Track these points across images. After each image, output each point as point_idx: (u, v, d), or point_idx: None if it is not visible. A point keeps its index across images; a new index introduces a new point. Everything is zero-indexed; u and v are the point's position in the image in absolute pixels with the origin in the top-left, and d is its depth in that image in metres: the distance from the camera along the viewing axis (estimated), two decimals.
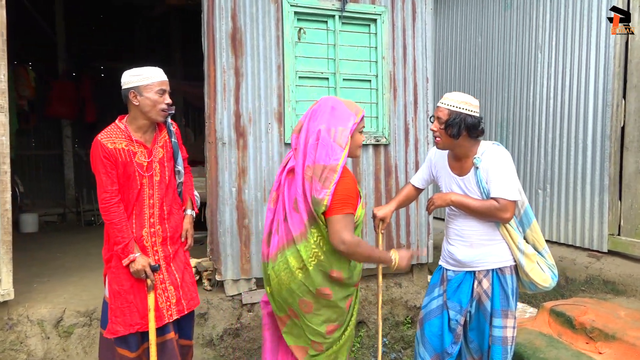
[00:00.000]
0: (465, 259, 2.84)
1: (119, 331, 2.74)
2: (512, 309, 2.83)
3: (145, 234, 2.83)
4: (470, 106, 2.70)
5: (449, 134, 2.72)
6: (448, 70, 7.20)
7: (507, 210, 2.67)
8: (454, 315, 2.87)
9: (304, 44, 3.98)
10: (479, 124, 2.71)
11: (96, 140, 2.70)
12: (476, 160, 2.74)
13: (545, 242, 2.95)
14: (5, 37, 3.27)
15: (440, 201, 2.83)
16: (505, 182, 2.67)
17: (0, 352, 3.26)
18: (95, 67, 7.98)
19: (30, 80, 6.97)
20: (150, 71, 2.74)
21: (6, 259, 3.28)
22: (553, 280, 2.92)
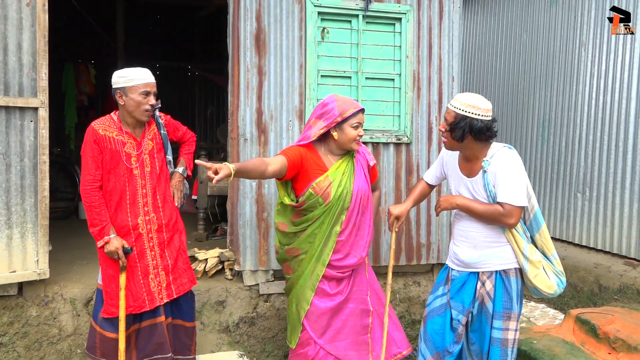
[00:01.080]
0: (469, 259, 2.84)
1: (114, 312, 2.96)
2: (514, 311, 2.81)
3: (141, 221, 3.03)
4: (478, 110, 2.66)
5: (453, 136, 2.73)
6: (492, 68, 7.03)
7: (512, 216, 2.65)
8: (457, 315, 2.88)
9: (327, 43, 4.06)
10: (487, 128, 2.68)
11: (90, 126, 2.95)
12: (484, 163, 2.72)
13: (554, 247, 2.89)
14: (47, 39, 3.56)
15: (446, 204, 2.85)
16: (512, 187, 2.64)
17: (35, 325, 3.59)
18: (152, 65, 8.42)
19: (90, 77, 7.49)
20: (135, 73, 2.94)
21: (43, 242, 3.60)
22: (559, 288, 2.86)
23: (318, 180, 2.93)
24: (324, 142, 3.05)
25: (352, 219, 3.04)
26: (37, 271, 3.58)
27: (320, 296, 3.08)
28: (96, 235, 2.96)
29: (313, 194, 2.93)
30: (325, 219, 2.99)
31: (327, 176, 2.95)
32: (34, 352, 3.54)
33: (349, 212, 3.01)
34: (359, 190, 3.05)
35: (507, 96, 6.61)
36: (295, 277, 3.10)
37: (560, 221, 5.59)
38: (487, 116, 2.68)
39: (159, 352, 3.05)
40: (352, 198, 3.01)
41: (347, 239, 3.04)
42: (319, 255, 3.02)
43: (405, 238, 4.26)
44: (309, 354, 3.11)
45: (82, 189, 2.96)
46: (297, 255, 3.08)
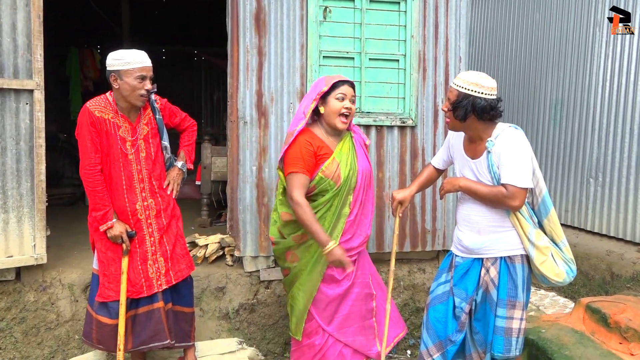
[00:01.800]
0: (472, 245, 2.73)
1: (110, 296, 2.90)
2: (520, 299, 2.69)
3: (139, 207, 2.96)
4: (481, 88, 2.55)
5: (455, 116, 2.62)
6: (503, 49, 6.84)
7: (515, 198, 2.53)
8: (459, 303, 2.78)
9: (329, 23, 3.93)
10: (491, 107, 2.56)
11: (85, 107, 2.86)
12: (489, 143, 2.61)
13: (563, 234, 2.76)
14: (42, 20, 3.48)
15: (449, 186, 2.74)
16: (516, 168, 2.53)
17: (33, 311, 3.55)
18: (157, 50, 8.33)
19: (96, 62, 7.43)
20: (132, 56, 2.83)
21: (40, 226, 3.55)
22: (568, 276, 2.74)
23: (327, 163, 2.88)
24: (320, 123, 2.99)
25: (359, 198, 3.01)
26: (34, 256, 3.54)
27: (328, 283, 3.03)
28: (99, 220, 2.90)
29: (324, 178, 2.89)
30: (334, 201, 2.94)
31: (334, 158, 2.91)
32: (32, 337, 3.51)
33: (355, 192, 2.98)
34: (364, 169, 3.03)
35: (518, 77, 6.42)
36: (303, 264, 3.02)
37: (572, 207, 5.43)
38: (490, 94, 2.56)
39: (155, 339, 2.99)
40: (357, 178, 2.98)
41: (354, 219, 3.01)
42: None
43: (410, 224, 4.15)
44: (316, 343, 3.05)
45: (83, 173, 2.89)
46: (305, 241, 3.00)
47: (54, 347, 3.52)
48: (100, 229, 2.91)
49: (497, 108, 2.60)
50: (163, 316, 2.99)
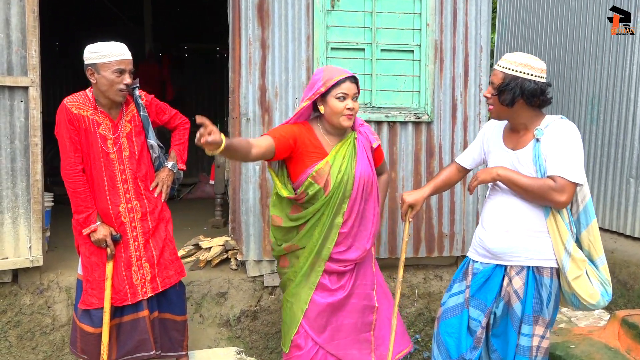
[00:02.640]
0: (497, 248, 2.40)
1: (93, 303, 2.74)
2: (544, 316, 2.37)
3: (123, 209, 2.79)
4: (531, 69, 2.25)
5: (501, 101, 2.30)
6: (536, 40, 6.42)
7: (564, 192, 2.20)
8: (477, 315, 2.46)
9: (337, 12, 3.68)
10: (541, 91, 2.26)
11: (62, 104, 2.70)
12: (538, 131, 2.29)
13: (603, 251, 2.41)
14: (36, 14, 3.37)
15: (485, 174, 2.39)
16: (568, 160, 2.21)
17: (29, 314, 3.45)
18: (180, 47, 8.26)
19: None
20: (109, 48, 2.65)
21: (36, 227, 3.44)
22: (603, 299, 2.38)
23: (318, 167, 2.58)
24: (320, 120, 2.71)
25: (355, 208, 2.68)
26: (29, 258, 3.44)
27: (320, 291, 2.75)
28: (82, 223, 2.75)
29: (313, 184, 2.58)
30: (325, 210, 2.64)
31: (327, 162, 2.60)
32: (26, 342, 3.41)
33: (351, 201, 2.65)
34: (362, 176, 2.67)
35: (553, 71, 5.99)
36: (292, 273, 2.77)
37: (610, 210, 4.99)
38: (541, 77, 2.26)
39: (140, 349, 2.83)
40: (353, 185, 2.65)
41: (349, 231, 2.69)
42: (319, 249, 2.68)
43: (426, 227, 3.85)
44: (304, 355, 2.80)
45: (63, 173, 2.74)
46: (296, 249, 2.75)
47: (48, 353, 3.41)
48: (84, 233, 2.76)
49: (547, 93, 2.30)
50: (148, 325, 2.82)
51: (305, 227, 2.68)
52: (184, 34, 7.97)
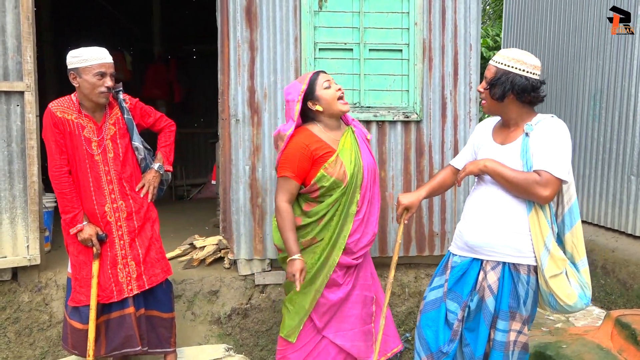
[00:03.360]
0: (474, 241, 2.41)
1: (82, 300, 2.83)
2: (522, 312, 2.37)
3: (108, 209, 2.87)
4: (523, 65, 2.27)
5: (492, 95, 2.33)
6: (538, 35, 6.33)
7: (548, 187, 2.20)
8: (454, 308, 2.49)
9: (325, 13, 3.71)
10: (532, 87, 2.27)
11: (47, 108, 2.81)
12: (527, 126, 2.31)
13: (585, 254, 2.40)
14: (31, 21, 3.48)
15: (472, 166, 2.42)
16: (555, 155, 2.22)
17: (27, 311, 3.57)
18: (187, 49, 8.37)
19: (126, 64, 7.54)
20: (90, 52, 2.74)
21: (33, 227, 3.55)
22: (580, 301, 2.36)
23: (329, 161, 2.72)
24: (316, 120, 2.82)
25: (367, 196, 2.85)
26: (27, 257, 3.55)
27: (330, 287, 2.86)
28: (69, 223, 2.85)
29: (327, 176, 2.72)
30: (342, 200, 2.77)
31: (338, 155, 2.74)
32: (24, 337, 3.53)
33: (362, 189, 2.81)
34: (369, 165, 2.87)
35: (556, 66, 5.91)
36: (309, 266, 2.83)
37: (611, 208, 4.91)
38: (533, 74, 2.27)
39: (127, 345, 2.91)
40: (364, 173, 2.81)
41: (363, 217, 2.84)
42: (336, 240, 2.81)
43: (416, 226, 3.86)
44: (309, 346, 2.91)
45: (50, 175, 2.85)
46: (314, 243, 2.84)
47: (45, 348, 3.52)
48: (71, 232, 2.85)
49: (539, 90, 2.31)
50: (134, 322, 2.90)
51: (325, 219, 2.80)
52: (191, 36, 8.07)
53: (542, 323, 4.19)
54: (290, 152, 2.72)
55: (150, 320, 3.03)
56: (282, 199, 2.74)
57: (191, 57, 8.45)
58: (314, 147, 2.73)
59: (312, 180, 2.74)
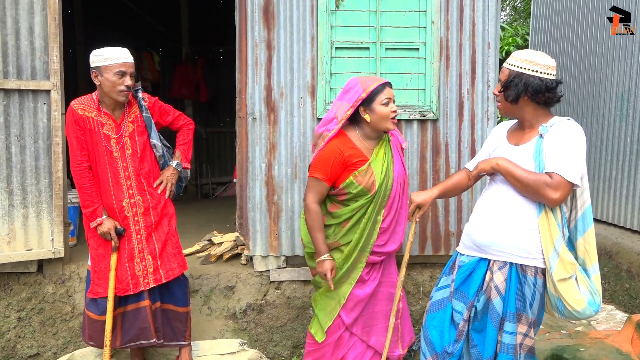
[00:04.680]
0: (482, 240, 2.40)
1: (99, 292, 2.92)
2: (528, 314, 2.35)
3: (126, 204, 2.96)
4: (536, 65, 2.26)
5: (506, 97, 2.33)
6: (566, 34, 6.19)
7: (558, 190, 2.18)
8: (460, 308, 2.48)
9: (342, 12, 3.73)
10: (547, 87, 2.25)
11: (69, 106, 2.92)
12: (542, 128, 2.29)
13: (597, 260, 2.36)
14: (58, 22, 3.60)
15: (484, 164, 2.41)
16: (568, 159, 2.19)
17: (51, 302, 3.70)
18: (215, 50, 8.50)
19: (154, 64, 7.71)
20: (112, 52, 2.84)
21: (57, 221, 3.68)
22: (589, 307, 2.32)
23: (361, 169, 2.77)
24: (357, 126, 2.85)
25: (394, 206, 2.88)
26: (52, 250, 3.68)
27: (359, 284, 2.92)
28: (89, 217, 2.95)
29: (355, 184, 2.77)
30: (369, 208, 2.82)
31: (370, 165, 2.78)
32: (48, 327, 3.66)
33: (390, 199, 2.85)
34: (399, 176, 2.89)
35: (584, 66, 5.78)
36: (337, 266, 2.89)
37: (638, 210, 4.77)
38: (547, 74, 2.26)
39: (141, 337, 2.99)
40: (393, 184, 2.84)
41: (388, 226, 2.88)
42: (364, 245, 2.86)
43: (432, 225, 3.84)
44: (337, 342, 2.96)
45: (72, 170, 2.96)
46: (338, 246, 2.90)
47: (67, 338, 3.65)
48: (91, 226, 2.96)
49: (554, 90, 2.29)
50: (149, 315, 2.98)
51: (349, 224, 2.85)
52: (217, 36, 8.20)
53: (562, 326, 4.10)
54: (324, 155, 2.76)
55: (166, 314, 3.11)
56: (311, 199, 2.80)
57: (218, 57, 8.57)
58: (348, 153, 2.77)
59: (341, 184, 2.79)
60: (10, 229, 3.59)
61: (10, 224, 3.58)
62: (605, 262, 5.05)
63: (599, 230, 5.40)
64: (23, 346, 3.62)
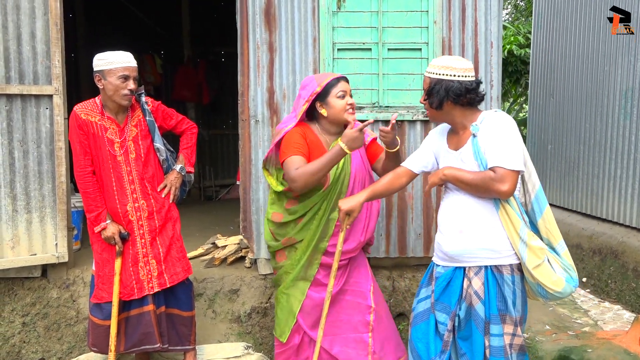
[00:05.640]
0: (453, 250, 2.40)
1: (103, 297, 2.91)
2: (511, 314, 2.35)
3: (130, 208, 2.95)
4: (453, 70, 2.32)
5: (430, 104, 2.39)
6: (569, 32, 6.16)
7: (504, 181, 2.22)
8: (443, 319, 2.47)
9: (343, 13, 3.71)
10: (467, 89, 2.31)
11: (72, 111, 2.92)
12: (473, 127, 2.33)
13: (560, 235, 2.39)
14: (59, 27, 3.61)
15: (433, 177, 2.44)
16: (504, 149, 2.24)
17: (55, 307, 3.70)
18: (217, 52, 8.50)
19: (156, 67, 7.71)
20: (115, 56, 2.83)
21: (61, 226, 3.68)
22: (568, 285, 2.35)
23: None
24: (317, 121, 2.84)
25: None
26: (55, 255, 3.68)
27: (315, 287, 2.87)
28: (93, 221, 2.95)
29: None
30: (322, 205, 2.78)
31: None
32: (53, 332, 3.66)
33: (347, 196, 2.77)
34: (357, 172, 2.82)
35: (587, 63, 5.75)
36: (290, 266, 2.90)
37: None
38: (465, 76, 2.32)
39: (145, 342, 2.98)
40: (349, 181, 2.79)
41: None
42: (317, 243, 2.82)
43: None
44: (299, 347, 2.93)
45: (76, 175, 2.95)
46: (294, 243, 2.88)
47: (72, 343, 3.64)
48: (95, 230, 2.95)
49: (475, 91, 2.35)
50: (153, 319, 2.97)
51: (303, 221, 2.81)
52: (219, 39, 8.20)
53: (568, 327, 4.08)
54: (289, 138, 2.73)
55: (171, 318, 3.10)
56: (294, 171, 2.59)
57: (220, 60, 8.56)
58: (310, 138, 2.76)
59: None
60: (14, 234, 3.59)
61: (14, 229, 3.58)
62: (611, 261, 5.02)
63: (604, 229, 5.38)
64: (28, 351, 3.62)
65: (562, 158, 6.34)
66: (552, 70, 6.58)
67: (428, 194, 2.55)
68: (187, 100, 7.98)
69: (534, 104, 7.22)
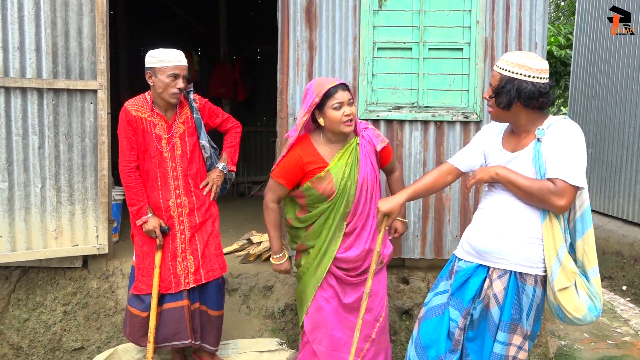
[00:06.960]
0: (482, 246, 2.32)
1: (143, 289, 2.97)
2: (523, 326, 2.27)
3: (172, 204, 3.00)
4: (528, 70, 2.17)
5: (497, 104, 2.25)
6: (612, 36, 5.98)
7: (563, 196, 2.10)
8: (455, 316, 2.39)
9: (384, 12, 3.69)
10: (540, 92, 2.17)
11: (123, 107, 2.97)
12: (539, 131, 2.20)
13: (597, 262, 2.26)
14: (105, 24, 3.69)
15: (483, 173, 2.31)
16: (570, 162, 2.11)
17: (95, 297, 3.79)
18: (253, 50, 8.56)
19: (193, 64, 7.81)
20: (166, 54, 2.87)
21: (102, 218, 3.77)
22: (590, 313, 2.23)
23: (318, 176, 2.73)
24: (321, 130, 2.82)
25: (359, 210, 2.81)
26: (96, 246, 3.77)
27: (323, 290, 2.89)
28: (134, 215, 3.01)
29: (312, 189, 2.75)
30: (330, 214, 2.80)
31: (328, 171, 2.74)
32: (92, 322, 3.75)
33: (354, 204, 2.79)
34: (364, 180, 2.79)
35: (630, 67, 5.58)
36: (302, 271, 2.95)
37: None
38: (540, 78, 2.17)
39: (177, 337, 3.02)
40: (356, 190, 2.77)
41: (351, 231, 2.82)
42: (325, 250, 2.83)
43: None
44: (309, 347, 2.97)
45: (120, 169, 3.02)
46: (305, 249, 2.92)
47: (110, 333, 3.73)
48: (137, 223, 3.01)
49: (547, 94, 2.19)
50: (187, 315, 3.01)
51: (312, 229, 2.84)
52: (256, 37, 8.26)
53: (608, 335, 3.98)
54: (286, 162, 2.78)
55: (202, 316, 3.14)
56: (270, 198, 2.86)
57: (256, 57, 8.63)
58: (307, 160, 2.75)
59: (301, 187, 2.78)
60: (58, 224, 3.69)
61: (57, 220, 3.68)
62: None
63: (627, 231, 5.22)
64: (68, 339, 3.72)
65: (602, 162, 6.17)
66: (595, 72, 6.41)
67: (469, 190, 2.44)
68: (222, 97, 8.05)
69: (574, 106, 7.05)
